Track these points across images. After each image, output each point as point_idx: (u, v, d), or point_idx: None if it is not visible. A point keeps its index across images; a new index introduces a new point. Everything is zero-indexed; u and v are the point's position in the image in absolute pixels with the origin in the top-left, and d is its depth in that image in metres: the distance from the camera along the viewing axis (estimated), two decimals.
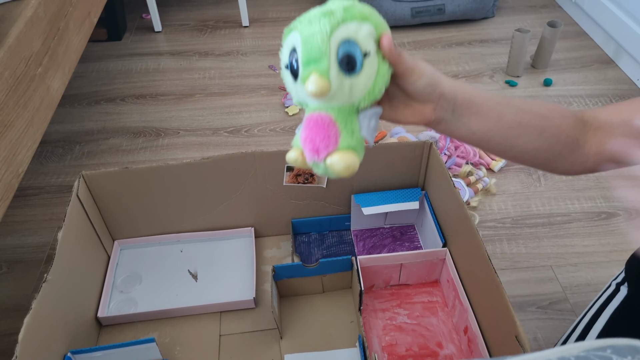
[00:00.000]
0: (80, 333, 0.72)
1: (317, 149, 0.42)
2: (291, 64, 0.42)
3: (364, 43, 0.41)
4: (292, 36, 0.42)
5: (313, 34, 0.40)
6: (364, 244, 0.91)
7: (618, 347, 0.32)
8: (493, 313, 0.66)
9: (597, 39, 1.57)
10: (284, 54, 0.43)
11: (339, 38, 0.40)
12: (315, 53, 0.40)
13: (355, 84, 0.42)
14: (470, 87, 0.49)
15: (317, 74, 0.40)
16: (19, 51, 0.77)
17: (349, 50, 0.40)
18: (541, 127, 0.50)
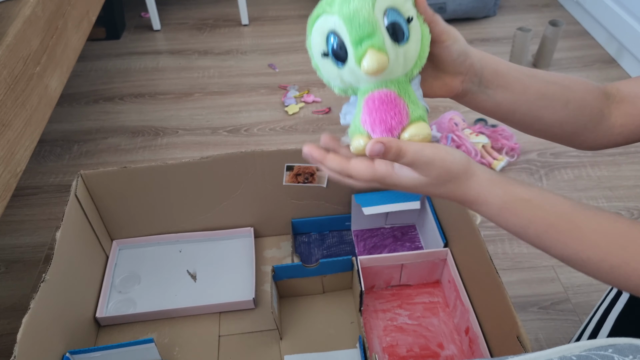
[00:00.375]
0: (79, 333, 0.72)
1: (391, 128, 0.41)
2: (333, 48, 0.40)
3: (404, 8, 0.40)
4: (326, 20, 0.40)
5: (357, 10, 0.38)
6: (364, 244, 0.90)
7: (619, 346, 0.32)
8: (494, 313, 0.65)
9: (599, 38, 1.56)
10: (316, 42, 0.41)
11: (382, 8, 0.39)
12: (366, 28, 0.38)
13: (407, 51, 0.40)
14: (495, 57, 0.48)
15: (375, 49, 0.38)
16: (17, 50, 0.77)
17: (394, 18, 0.39)
18: (566, 98, 0.49)
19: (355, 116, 0.44)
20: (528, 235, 0.43)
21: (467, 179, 0.42)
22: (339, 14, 0.39)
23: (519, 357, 0.33)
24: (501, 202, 0.42)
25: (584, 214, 0.42)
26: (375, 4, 0.39)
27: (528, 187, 0.43)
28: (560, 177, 1.12)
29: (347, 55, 0.40)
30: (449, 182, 0.42)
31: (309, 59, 0.44)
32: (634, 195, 1.07)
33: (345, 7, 0.38)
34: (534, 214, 0.42)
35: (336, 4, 0.39)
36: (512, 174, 1.12)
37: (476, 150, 1.13)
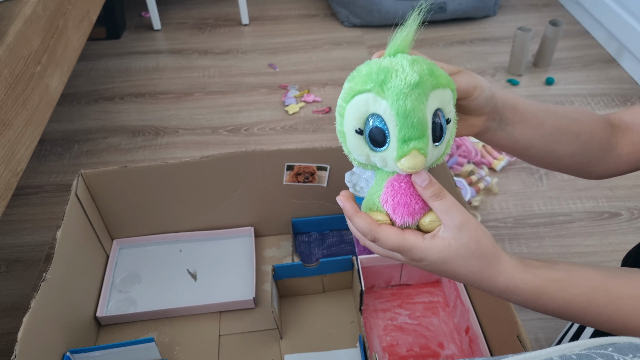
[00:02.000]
0: (79, 332, 0.72)
1: (414, 212, 0.42)
2: (372, 133, 0.39)
3: (447, 110, 0.41)
4: (373, 101, 0.39)
5: (413, 109, 0.38)
6: None
7: (619, 345, 0.32)
8: (494, 313, 0.65)
9: (599, 38, 1.56)
10: (352, 117, 0.40)
11: (432, 109, 0.39)
12: (418, 131, 0.38)
13: (439, 151, 0.41)
14: (512, 94, 0.49)
15: (419, 152, 0.38)
16: (17, 50, 0.77)
17: (438, 120, 0.40)
18: (578, 131, 0.50)
19: (372, 193, 0.44)
20: (569, 316, 0.42)
21: (496, 262, 0.41)
22: (393, 105, 0.38)
23: (519, 356, 0.33)
24: (533, 288, 0.41)
25: (617, 282, 0.41)
26: (427, 104, 0.39)
27: (554, 265, 0.42)
28: (560, 177, 1.12)
29: (385, 144, 0.39)
30: (477, 257, 0.40)
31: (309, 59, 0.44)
32: (634, 195, 1.07)
33: (402, 100, 0.38)
34: (569, 293, 0.41)
35: (391, 90, 0.38)
36: (512, 173, 1.12)
37: (476, 150, 1.13)
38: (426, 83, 0.38)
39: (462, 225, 0.40)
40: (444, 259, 0.41)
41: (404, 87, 0.37)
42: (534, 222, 1.02)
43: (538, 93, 1.37)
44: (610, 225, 1.01)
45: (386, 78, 0.38)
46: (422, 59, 0.40)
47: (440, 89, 0.40)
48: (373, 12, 1.59)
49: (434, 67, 0.40)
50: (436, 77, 0.39)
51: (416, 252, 0.41)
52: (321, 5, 1.79)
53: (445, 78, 0.40)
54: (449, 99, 0.41)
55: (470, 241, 0.40)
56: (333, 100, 1.35)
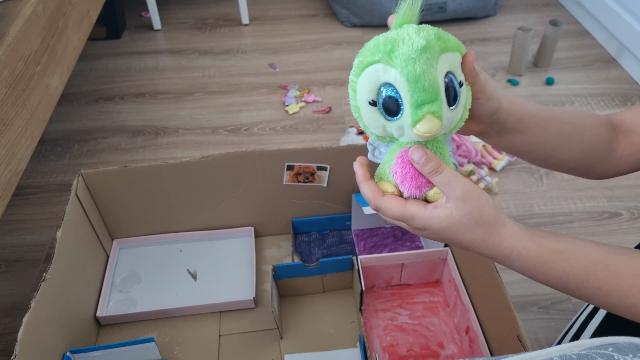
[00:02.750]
0: (80, 332, 0.72)
1: (420, 185, 0.42)
2: (385, 102, 0.39)
3: (458, 72, 0.40)
4: (383, 71, 0.39)
5: (423, 73, 0.37)
6: (364, 243, 0.90)
7: (619, 345, 0.32)
8: (495, 313, 0.65)
9: (599, 38, 1.56)
10: (364, 89, 0.40)
11: (443, 71, 0.39)
12: (430, 94, 0.37)
13: (455, 115, 0.41)
14: (521, 103, 0.48)
15: (433, 116, 0.38)
16: (17, 49, 0.77)
17: (451, 82, 0.39)
18: (581, 136, 0.51)
19: (385, 162, 0.44)
20: (568, 287, 0.42)
21: (499, 229, 0.41)
22: (402, 71, 0.38)
23: (519, 356, 0.34)
24: (535, 256, 0.41)
25: (619, 259, 0.41)
26: (438, 67, 0.38)
27: (558, 237, 0.43)
28: (560, 177, 1.12)
29: (399, 112, 0.39)
30: (480, 225, 0.41)
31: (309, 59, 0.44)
32: (634, 195, 1.07)
33: (411, 66, 0.37)
34: (570, 264, 0.41)
35: (399, 58, 0.38)
36: (512, 173, 1.12)
37: (476, 150, 1.13)
38: (434, 47, 0.38)
39: (464, 195, 0.40)
40: (446, 228, 0.41)
41: (411, 53, 0.37)
42: (534, 222, 1.02)
43: (538, 93, 1.37)
44: (611, 225, 1.01)
45: (393, 47, 0.38)
46: (429, 26, 0.40)
47: (450, 52, 0.39)
48: (373, 12, 1.59)
49: (442, 32, 0.40)
50: (444, 40, 0.39)
51: (418, 221, 0.42)
52: (321, 5, 1.79)
53: (454, 41, 0.40)
54: (459, 61, 0.40)
55: (473, 210, 0.40)
56: (333, 100, 1.35)
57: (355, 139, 1.17)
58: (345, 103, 1.34)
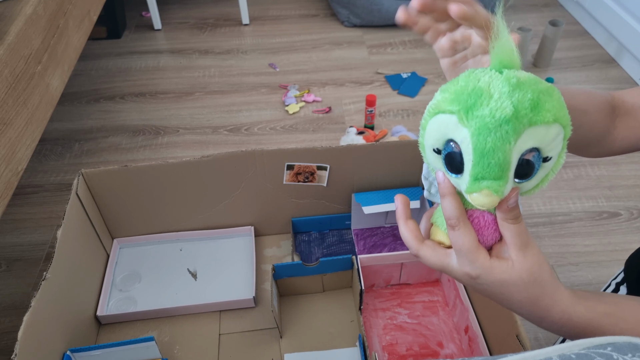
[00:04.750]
0: (80, 331, 0.72)
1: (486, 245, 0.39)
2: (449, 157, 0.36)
3: (548, 149, 0.34)
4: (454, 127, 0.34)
5: (494, 149, 0.33)
6: (364, 243, 0.90)
7: (618, 344, 0.32)
8: (494, 312, 0.65)
9: (598, 38, 1.56)
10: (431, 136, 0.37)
11: (522, 149, 0.33)
12: (494, 173, 0.33)
13: (527, 185, 0.37)
14: None
15: (491, 192, 0.34)
16: (18, 49, 0.77)
17: (530, 160, 0.34)
18: (580, 122, 0.48)
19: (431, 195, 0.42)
20: None
21: (553, 292, 0.39)
22: (472, 137, 0.33)
23: (519, 356, 0.34)
24: (585, 321, 0.39)
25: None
26: (518, 142, 0.33)
27: (600, 297, 0.41)
28: (559, 177, 1.12)
29: (460, 172, 0.36)
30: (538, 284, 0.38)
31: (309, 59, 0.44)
32: (633, 194, 1.07)
33: (483, 137, 0.33)
34: (620, 328, 0.40)
35: (475, 120, 0.33)
36: None
37: None
38: (522, 119, 0.32)
39: (526, 247, 0.38)
40: (503, 281, 0.38)
41: (490, 121, 0.32)
42: (533, 221, 1.02)
43: None
44: (610, 225, 1.01)
45: (475, 103, 0.33)
46: (534, 82, 0.34)
47: (543, 125, 0.33)
48: (373, 12, 1.59)
49: (544, 97, 0.33)
50: (540, 111, 0.33)
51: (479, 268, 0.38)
52: (321, 5, 1.79)
53: (556, 112, 0.34)
54: (553, 136, 0.34)
55: (534, 265, 0.38)
56: (333, 100, 1.35)
57: (355, 138, 1.17)
58: (344, 103, 1.34)
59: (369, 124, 1.24)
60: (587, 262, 0.94)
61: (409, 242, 0.41)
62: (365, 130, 1.19)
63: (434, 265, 0.40)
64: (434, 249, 0.40)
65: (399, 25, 0.44)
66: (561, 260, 0.94)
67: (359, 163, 0.81)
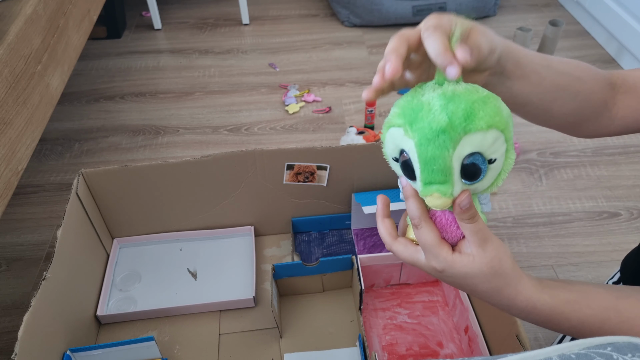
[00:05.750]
0: (80, 331, 0.72)
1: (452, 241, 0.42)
2: (403, 165, 0.40)
3: (489, 152, 0.37)
4: (403, 139, 0.38)
5: (434, 157, 0.36)
6: (364, 243, 0.90)
7: (618, 344, 0.32)
8: (494, 312, 0.65)
9: (599, 38, 1.56)
10: (389, 147, 0.41)
11: (462, 155, 0.37)
12: (439, 177, 0.37)
13: (478, 187, 0.40)
14: (516, 45, 0.47)
15: (440, 195, 0.38)
16: (18, 49, 0.77)
17: (473, 162, 0.37)
18: (576, 90, 0.49)
19: None
20: (584, 335, 0.42)
21: (516, 282, 0.41)
22: (416, 148, 0.37)
23: (518, 356, 0.34)
24: (550, 309, 0.41)
25: (629, 303, 0.42)
26: (457, 149, 0.36)
27: (568, 285, 0.43)
28: (559, 177, 1.12)
29: (414, 179, 0.39)
30: (499, 275, 0.41)
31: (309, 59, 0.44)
32: (633, 195, 1.07)
33: (424, 147, 0.36)
34: (584, 314, 0.41)
35: (416, 132, 0.37)
36: (511, 173, 1.12)
37: None
38: (457, 129, 0.35)
39: (486, 242, 0.40)
40: (466, 274, 0.41)
41: (428, 132, 0.36)
42: (533, 221, 1.02)
43: None
44: (610, 225, 1.01)
45: (416, 118, 0.37)
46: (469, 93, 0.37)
47: (479, 132, 0.36)
48: (373, 12, 1.59)
49: (478, 106, 0.36)
50: (474, 120, 0.36)
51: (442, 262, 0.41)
52: (321, 5, 1.79)
53: (489, 119, 0.36)
54: (491, 140, 0.37)
55: (494, 259, 0.40)
56: (333, 100, 1.35)
57: (355, 138, 1.17)
58: (344, 103, 1.34)
59: (369, 124, 1.24)
60: (587, 262, 0.94)
61: (384, 239, 0.44)
62: (365, 130, 1.19)
63: (406, 260, 0.43)
64: (405, 245, 0.43)
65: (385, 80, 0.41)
66: (561, 260, 0.94)
67: (359, 163, 0.81)
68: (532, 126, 1.19)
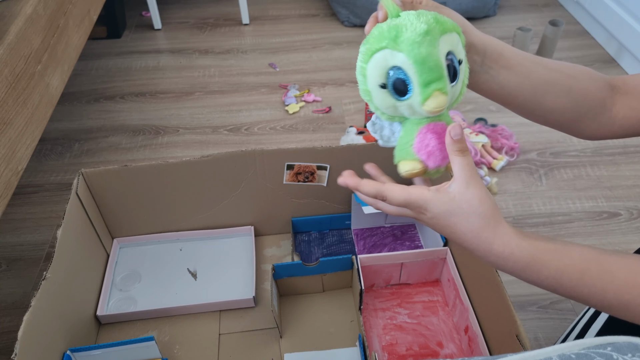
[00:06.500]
0: (80, 331, 0.72)
1: (445, 158, 0.45)
2: (395, 83, 0.42)
3: (457, 51, 0.43)
4: (391, 55, 0.42)
5: (429, 54, 0.41)
6: (364, 243, 0.90)
7: (618, 344, 0.32)
8: (494, 312, 0.65)
9: (598, 38, 1.56)
10: (374, 73, 0.43)
11: (444, 52, 0.42)
12: (436, 73, 0.41)
13: (455, 90, 0.44)
14: (500, 41, 0.49)
15: (440, 92, 0.41)
16: (18, 49, 0.77)
17: (452, 61, 0.42)
18: (569, 86, 0.50)
19: (404, 143, 0.46)
20: (563, 286, 0.42)
21: (495, 225, 0.42)
22: (409, 54, 0.41)
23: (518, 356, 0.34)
24: (528, 255, 0.41)
25: (611, 257, 0.41)
26: (439, 46, 0.41)
27: (551, 238, 0.43)
28: (559, 177, 1.12)
29: (408, 92, 0.42)
30: (478, 215, 0.41)
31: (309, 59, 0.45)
32: (633, 195, 1.07)
33: (416, 49, 0.41)
34: (563, 263, 0.41)
35: (404, 43, 0.41)
36: (511, 173, 1.13)
37: (476, 150, 1.13)
38: (435, 30, 0.41)
39: (468, 182, 0.42)
40: (446, 211, 0.42)
41: (416, 37, 0.40)
42: (533, 222, 1.02)
43: None
44: (610, 225, 1.01)
45: (398, 33, 0.41)
46: (426, 11, 0.43)
47: (448, 33, 0.42)
48: (373, 12, 1.59)
49: (438, 16, 0.43)
50: (442, 23, 0.42)
51: (422, 203, 0.43)
52: (321, 5, 1.79)
53: (451, 23, 0.43)
54: (456, 41, 0.43)
55: (474, 198, 0.41)
56: (333, 100, 1.35)
57: (355, 138, 1.17)
58: (344, 103, 1.34)
59: None
60: None
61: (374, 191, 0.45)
62: (365, 130, 1.19)
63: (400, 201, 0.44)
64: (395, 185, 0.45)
65: None
66: None
67: (359, 163, 0.81)
68: (532, 126, 1.19)
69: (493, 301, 0.65)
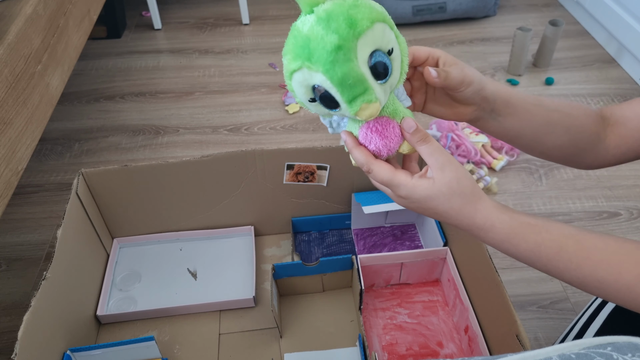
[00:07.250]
0: (80, 331, 0.72)
1: (392, 148, 0.45)
2: (322, 98, 0.41)
3: (384, 43, 0.40)
4: (310, 76, 0.40)
5: (346, 73, 0.38)
6: (364, 242, 0.90)
7: (618, 344, 0.32)
8: (494, 312, 0.65)
9: (599, 38, 1.56)
10: (300, 92, 0.42)
11: (365, 58, 0.39)
12: (358, 89, 0.39)
13: (392, 81, 0.42)
14: (507, 87, 0.52)
15: (368, 103, 0.40)
16: (18, 49, 0.77)
17: (377, 59, 0.40)
18: (568, 124, 0.53)
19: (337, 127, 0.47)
20: (540, 259, 0.44)
21: (475, 201, 0.44)
22: (326, 75, 0.39)
23: (518, 356, 0.34)
24: (509, 228, 0.44)
25: (590, 235, 0.43)
26: (358, 54, 0.39)
27: (531, 214, 0.45)
28: (559, 177, 1.12)
29: (338, 105, 0.41)
30: (457, 195, 0.43)
31: None
32: (633, 194, 1.07)
33: (331, 70, 0.38)
34: (542, 237, 0.43)
35: (318, 62, 0.38)
36: (511, 173, 1.13)
37: (476, 150, 1.13)
38: (347, 39, 0.38)
39: (444, 165, 0.43)
40: (427, 197, 0.44)
41: (327, 56, 0.38)
42: None
43: (538, 93, 1.37)
44: (610, 225, 1.01)
45: (309, 52, 0.38)
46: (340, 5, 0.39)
47: (368, 30, 0.39)
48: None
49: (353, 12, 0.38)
50: (357, 24, 0.38)
51: (403, 189, 0.44)
52: None
53: (368, 16, 0.39)
54: (380, 33, 0.40)
55: (452, 180, 0.43)
56: None
57: None
58: None
59: None
60: None
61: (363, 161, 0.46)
62: None
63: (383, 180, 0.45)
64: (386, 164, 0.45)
65: None
66: None
67: None
68: None
69: (493, 301, 0.65)
